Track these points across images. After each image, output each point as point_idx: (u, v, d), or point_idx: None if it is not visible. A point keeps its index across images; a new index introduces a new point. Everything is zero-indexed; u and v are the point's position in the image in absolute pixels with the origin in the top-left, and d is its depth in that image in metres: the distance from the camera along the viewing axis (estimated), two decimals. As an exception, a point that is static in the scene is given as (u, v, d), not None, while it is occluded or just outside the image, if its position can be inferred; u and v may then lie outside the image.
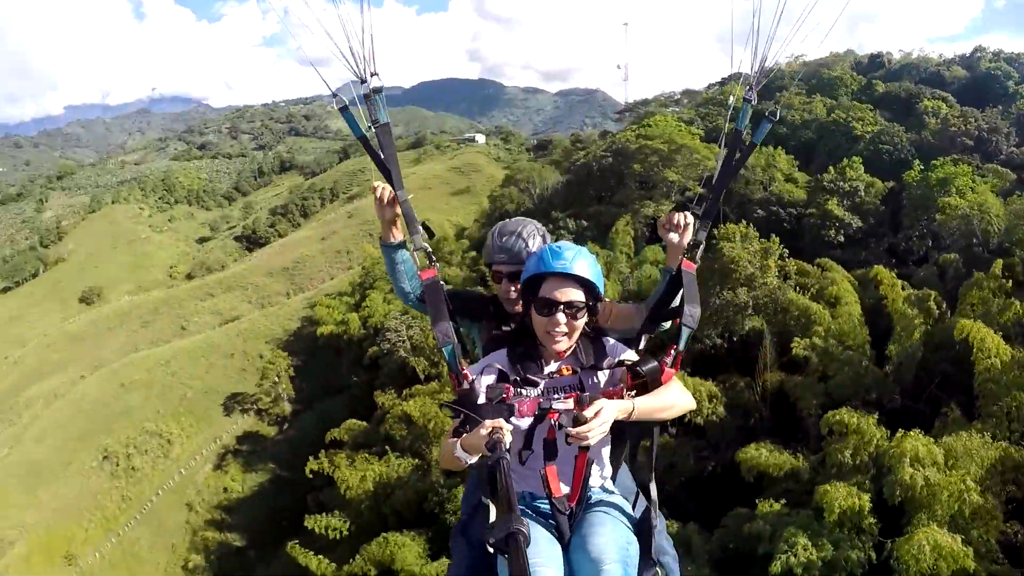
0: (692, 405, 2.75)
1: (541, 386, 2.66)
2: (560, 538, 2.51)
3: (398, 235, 3.24)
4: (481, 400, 2.58)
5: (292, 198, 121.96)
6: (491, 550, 1.72)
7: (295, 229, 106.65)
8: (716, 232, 30.32)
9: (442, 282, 2.99)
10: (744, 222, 33.11)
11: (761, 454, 22.39)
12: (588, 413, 2.30)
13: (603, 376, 2.74)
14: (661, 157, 48.48)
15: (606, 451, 2.81)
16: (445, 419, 26.66)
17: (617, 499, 2.75)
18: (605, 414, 2.34)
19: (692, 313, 2.72)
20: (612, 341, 2.84)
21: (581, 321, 2.66)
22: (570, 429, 2.30)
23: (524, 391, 2.62)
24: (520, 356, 2.74)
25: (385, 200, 3.08)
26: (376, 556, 25.29)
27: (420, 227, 2.99)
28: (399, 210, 3.05)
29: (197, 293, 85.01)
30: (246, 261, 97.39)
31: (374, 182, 3.09)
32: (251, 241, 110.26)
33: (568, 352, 2.74)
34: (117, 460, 54.89)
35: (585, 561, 2.37)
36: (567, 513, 2.49)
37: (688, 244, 2.94)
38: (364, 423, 35.75)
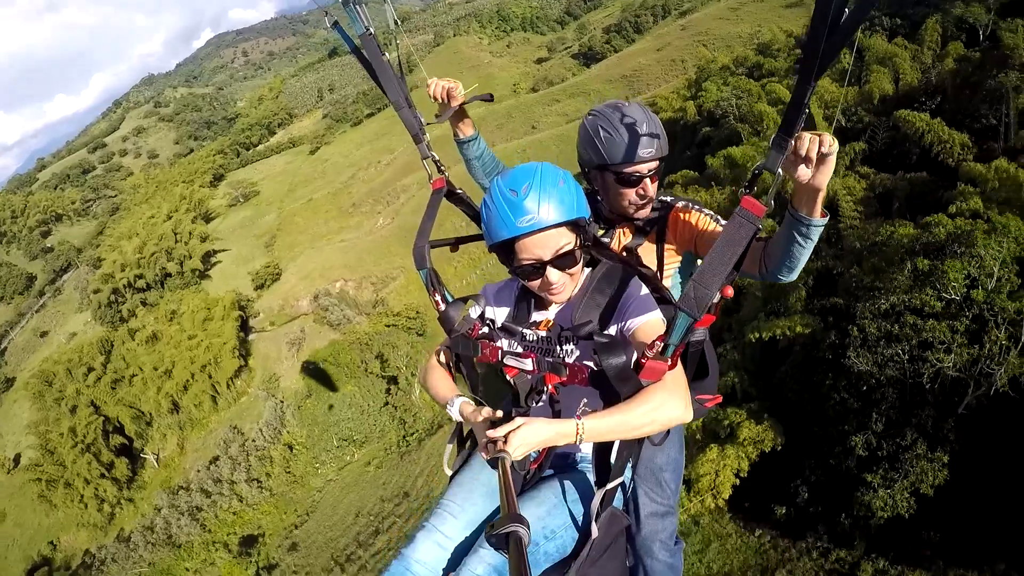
0: (682, 419, 2.03)
1: (518, 334, 2.47)
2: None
3: (466, 131, 3.11)
4: (455, 331, 2.47)
5: (625, 16, 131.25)
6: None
7: (629, 44, 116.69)
8: None
9: (459, 191, 2.91)
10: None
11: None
12: (497, 433, 1.92)
13: (582, 345, 2.32)
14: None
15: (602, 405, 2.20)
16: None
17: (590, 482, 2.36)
18: (516, 440, 1.90)
19: (699, 294, 1.81)
20: (633, 288, 2.34)
21: (579, 265, 2.35)
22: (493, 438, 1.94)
23: (498, 336, 2.49)
24: (525, 294, 2.56)
25: (438, 98, 2.96)
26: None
27: (424, 135, 2.83)
28: (457, 104, 2.97)
29: (543, 100, 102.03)
30: (585, 74, 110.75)
31: (429, 80, 2.96)
32: (588, 57, 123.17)
33: (573, 297, 2.42)
34: (487, 222, 75.10)
35: (480, 531, 2.19)
36: (524, 473, 2.23)
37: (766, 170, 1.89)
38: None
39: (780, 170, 1.85)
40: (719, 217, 2.83)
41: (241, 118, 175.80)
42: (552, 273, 2.27)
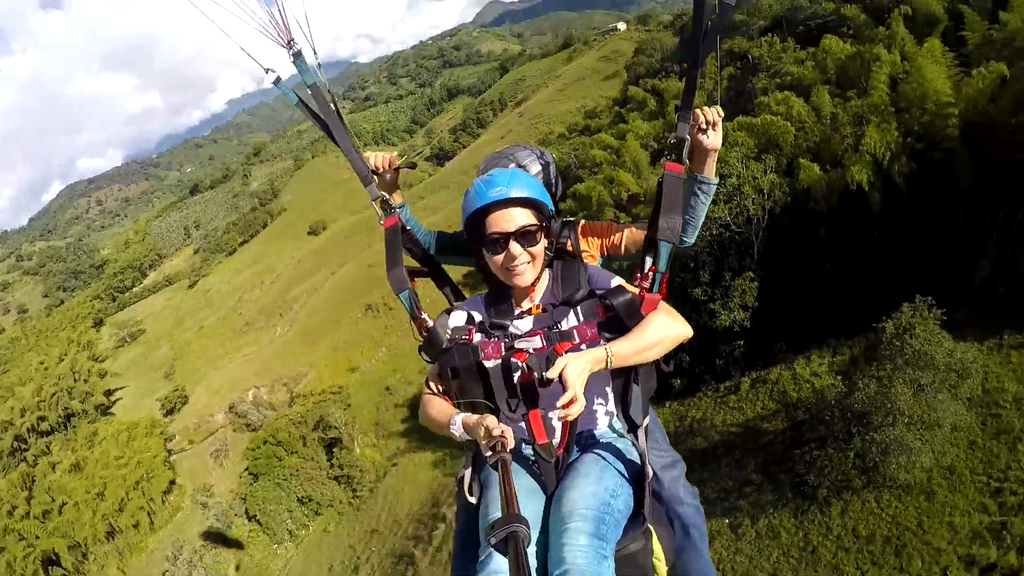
0: (687, 334, 2.49)
1: (510, 328, 2.63)
2: (546, 488, 2.44)
3: (397, 198, 3.21)
4: (446, 345, 2.60)
5: (467, 116, 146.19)
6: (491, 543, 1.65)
7: (475, 139, 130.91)
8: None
9: (409, 227, 3.12)
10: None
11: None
12: (551, 374, 2.16)
13: (578, 311, 2.58)
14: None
15: (608, 382, 2.64)
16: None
17: (621, 442, 2.66)
18: (570, 372, 2.17)
19: (670, 225, 2.56)
20: (593, 268, 2.73)
21: (540, 246, 2.56)
22: (554, 412, 2.13)
23: (493, 334, 2.62)
24: (493, 299, 2.74)
25: (381, 167, 3.12)
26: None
27: (373, 177, 3.02)
28: (395, 166, 3.16)
29: (409, 199, 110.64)
30: (441, 171, 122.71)
31: (366, 153, 3.11)
32: (440, 157, 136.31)
33: (539, 287, 2.69)
34: (378, 309, 78.62)
35: (556, 518, 2.25)
36: (553, 461, 2.35)
37: (674, 143, 2.67)
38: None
39: (688, 136, 2.68)
40: (616, 220, 3.34)
41: (109, 264, 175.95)
42: (515, 247, 2.47)
